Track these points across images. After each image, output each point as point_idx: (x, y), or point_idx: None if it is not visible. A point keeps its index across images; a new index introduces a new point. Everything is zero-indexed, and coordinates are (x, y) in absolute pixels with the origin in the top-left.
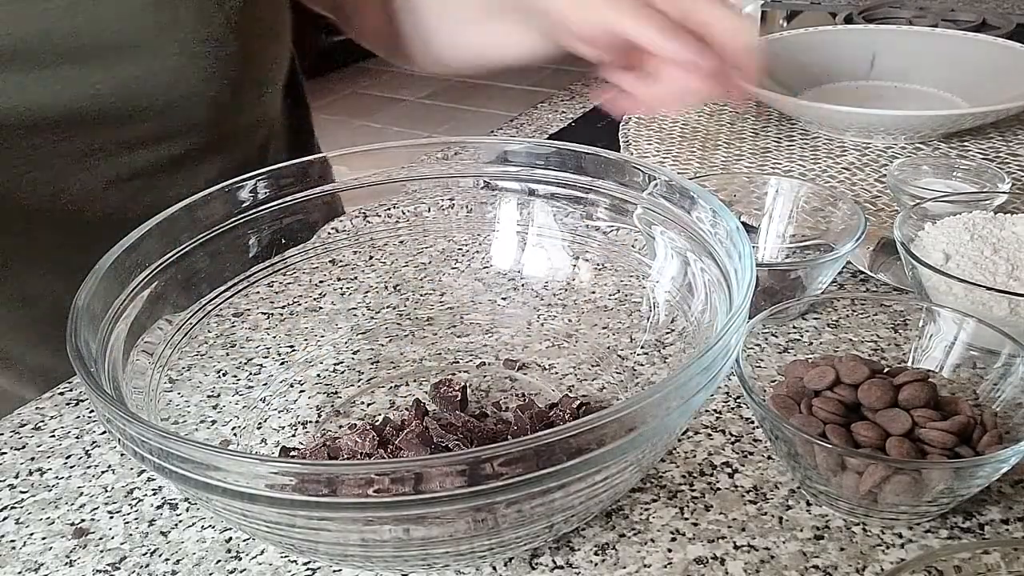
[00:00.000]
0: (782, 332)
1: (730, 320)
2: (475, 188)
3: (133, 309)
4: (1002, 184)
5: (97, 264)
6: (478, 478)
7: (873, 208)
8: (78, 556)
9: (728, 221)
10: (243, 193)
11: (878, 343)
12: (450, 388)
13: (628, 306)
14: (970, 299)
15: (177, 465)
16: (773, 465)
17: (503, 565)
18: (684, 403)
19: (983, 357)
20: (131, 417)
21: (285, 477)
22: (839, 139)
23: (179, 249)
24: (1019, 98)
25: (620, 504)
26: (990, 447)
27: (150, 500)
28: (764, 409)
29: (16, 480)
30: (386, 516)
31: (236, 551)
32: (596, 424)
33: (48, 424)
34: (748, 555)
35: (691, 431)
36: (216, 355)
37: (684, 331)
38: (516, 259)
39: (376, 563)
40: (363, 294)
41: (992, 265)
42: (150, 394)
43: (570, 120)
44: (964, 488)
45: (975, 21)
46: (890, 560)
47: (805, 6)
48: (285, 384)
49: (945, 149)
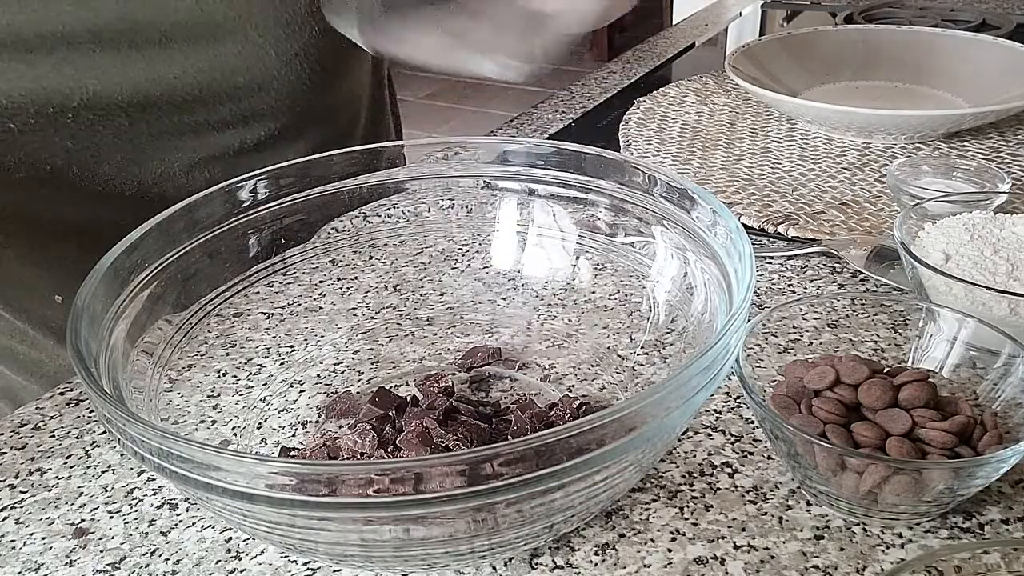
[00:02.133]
0: (782, 332)
1: (730, 320)
2: (475, 188)
3: (133, 309)
4: (1002, 184)
5: (97, 264)
6: (478, 478)
7: (873, 208)
8: (78, 556)
9: (728, 221)
10: (243, 193)
11: (878, 343)
12: (437, 383)
13: (628, 306)
14: (970, 299)
15: (177, 465)
16: (773, 465)
17: (503, 565)
18: (684, 403)
19: (983, 357)
20: (131, 417)
21: (285, 477)
22: (839, 139)
23: (179, 249)
24: (1019, 98)
25: (620, 504)
26: (990, 447)
27: (150, 500)
28: (764, 409)
29: (16, 480)
30: (386, 516)
31: (236, 551)
32: (596, 424)
33: (48, 424)
34: (748, 555)
35: (691, 431)
36: (216, 355)
37: (684, 331)
38: (516, 259)
39: (376, 563)
40: (363, 294)
41: (992, 265)
42: (150, 394)
43: (570, 120)
44: (964, 488)
45: (975, 21)
46: (890, 560)
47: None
48: (285, 384)
49: (945, 149)
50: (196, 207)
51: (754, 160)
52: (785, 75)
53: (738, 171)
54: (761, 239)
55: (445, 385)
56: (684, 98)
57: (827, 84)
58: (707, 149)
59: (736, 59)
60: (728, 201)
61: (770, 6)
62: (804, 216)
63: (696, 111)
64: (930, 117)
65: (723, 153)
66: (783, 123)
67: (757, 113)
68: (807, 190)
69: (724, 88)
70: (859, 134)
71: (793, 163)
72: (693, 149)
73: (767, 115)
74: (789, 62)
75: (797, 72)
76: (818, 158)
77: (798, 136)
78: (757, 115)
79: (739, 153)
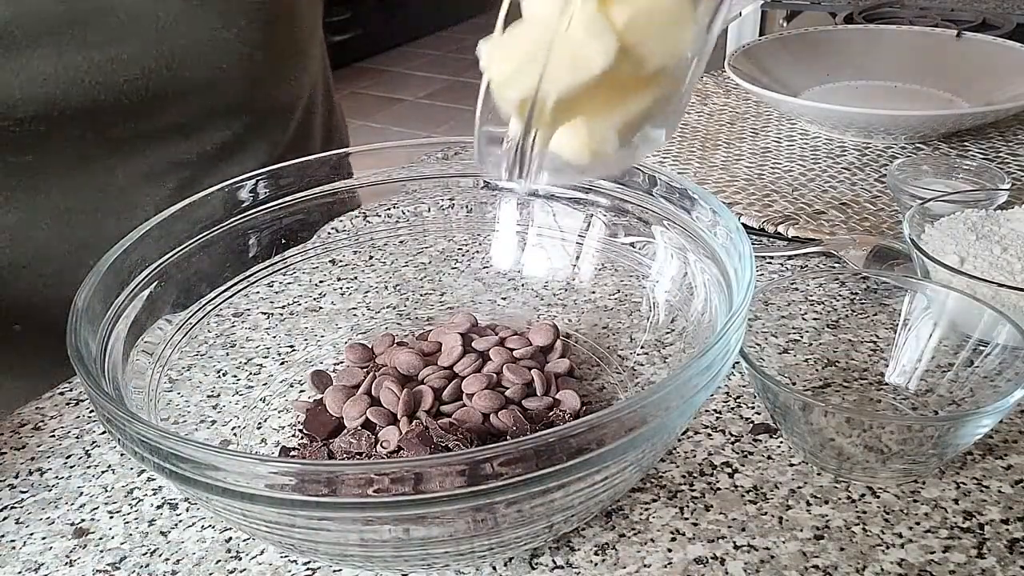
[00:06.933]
0: (782, 332)
1: (730, 320)
2: (475, 188)
3: (133, 309)
4: (1002, 184)
5: (97, 264)
6: (478, 478)
7: (873, 208)
8: (78, 556)
9: (728, 221)
10: (243, 193)
11: (878, 343)
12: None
13: (628, 306)
14: (996, 301)
15: (177, 465)
16: (773, 465)
17: (503, 565)
18: (684, 403)
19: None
20: (131, 417)
21: (285, 477)
22: (839, 139)
23: (179, 249)
24: (1019, 98)
25: (620, 504)
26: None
27: (150, 500)
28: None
29: (16, 480)
30: (386, 516)
31: (236, 551)
32: (596, 424)
33: (48, 424)
34: (748, 555)
35: (691, 431)
36: (216, 355)
37: (684, 331)
38: (516, 259)
39: (376, 563)
40: (363, 294)
41: (1007, 264)
42: (150, 394)
43: None
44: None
45: (975, 21)
46: (890, 560)
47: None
48: (285, 384)
49: (945, 149)
50: (196, 207)
51: (754, 160)
52: (785, 75)
53: (738, 171)
54: (761, 239)
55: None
56: None
57: (827, 84)
58: (707, 149)
59: (736, 59)
60: (728, 201)
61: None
62: (804, 216)
63: (696, 111)
64: (930, 117)
65: (723, 153)
66: (783, 123)
67: (757, 113)
68: (807, 190)
69: (724, 88)
70: (859, 134)
71: (793, 163)
72: (693, 149)
73: (767, 115)
74: (789, 62)
75: (797, 72)
76: (818, 158)
77: (798, 136)
78: (757, 115)
79: (739, 153)
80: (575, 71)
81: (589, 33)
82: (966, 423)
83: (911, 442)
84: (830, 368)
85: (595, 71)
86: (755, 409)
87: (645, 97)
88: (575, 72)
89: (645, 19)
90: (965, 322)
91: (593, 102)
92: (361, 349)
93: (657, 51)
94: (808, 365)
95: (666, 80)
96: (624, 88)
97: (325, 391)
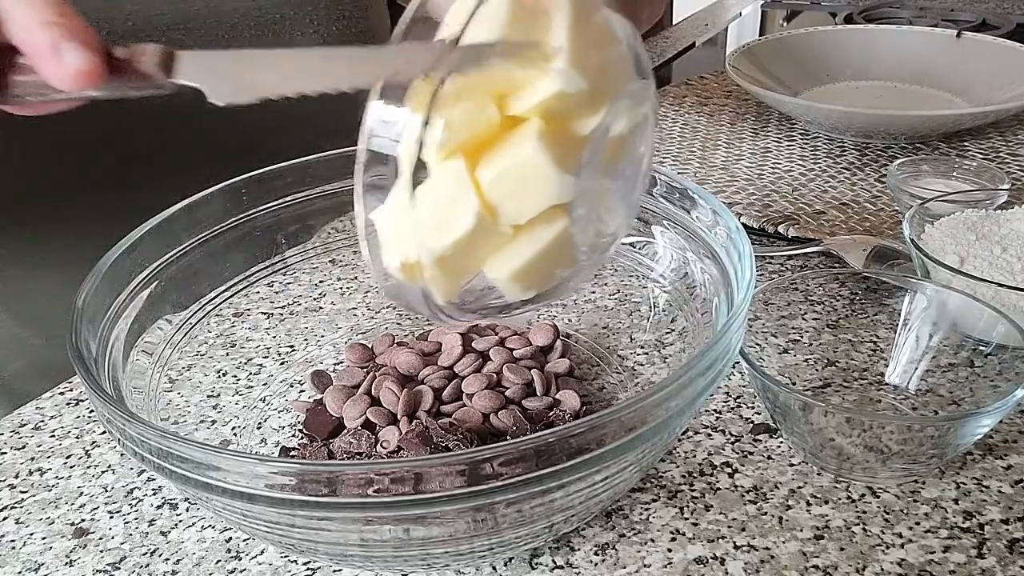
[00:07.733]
0: (782, 332)
1: (730, 320)
2: None
3: (133, 309)
4: (1002, 184)
5: (97, 264)
6: (478, 478)
7: (873, 208)
8: (78, 556)
9: (728, 221)
10: (243, 193)
11: (878, 343)
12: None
13: (628, 306)
14: (996, 301)
15: (177, 465)
16: (773, 465)
17: (503, 565)
18: (684, 403)
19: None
20: (131, 417)
21: (285, 477)
22: (839, 139)
23: (179, 249)
24: (1019, 98)
25: (620, 504)
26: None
27: (150, 500)
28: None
29: (16, 480)
30: (386, 516)
31: (236, 551)
32: (596, 424)
33: (48, 424)
34: (748, 555)
35: (691, 431)
36: (216, 355)
37: (684, 331)
38: None
39: (376, 563)
40: (363, 294)
41: (1007, 264)
42: (150, 394)
43: None
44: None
45: (975, 21)
46: (890, 560)
47: (805, 6)
48: (285, 384)
49: (945, 149)
50: (196, 207)
51: (754, 160)
52: (785, 75)
53: (738, 171)
54: (761, 239)
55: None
56: (684, 98)
57: (827, 84)
58: (707, 149)
59: (736, 59)
60: (728, 201)
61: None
62: (804, 216)
63: (696, 111)
64: (930, 117)
65: (723, 153)
66: (783, 123)
67: (757, 113)
68: (807, 190)
69: (724, 88)
70: (859, 134)
71: (793, 163)
72: (693, 149)
73: (767, 115)
74: (789, 62)
75: (797, 72)
76: (818, 158)
77: (798, 136)
78: (757, 115)
79: (739, 153)
80: (443, 232)
81: (455, 197)
82: (966, 423)
83: (911, 442)
84: (830, 368)
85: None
86: (755, 409)
87: (535, 241)
88: (444, 233)
89: (509, 177)
90: (965, 322)
91: (485, 250)
92: (361, 349)
93: (525, 205)
94: (808, 365)
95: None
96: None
97: (325, 391)
